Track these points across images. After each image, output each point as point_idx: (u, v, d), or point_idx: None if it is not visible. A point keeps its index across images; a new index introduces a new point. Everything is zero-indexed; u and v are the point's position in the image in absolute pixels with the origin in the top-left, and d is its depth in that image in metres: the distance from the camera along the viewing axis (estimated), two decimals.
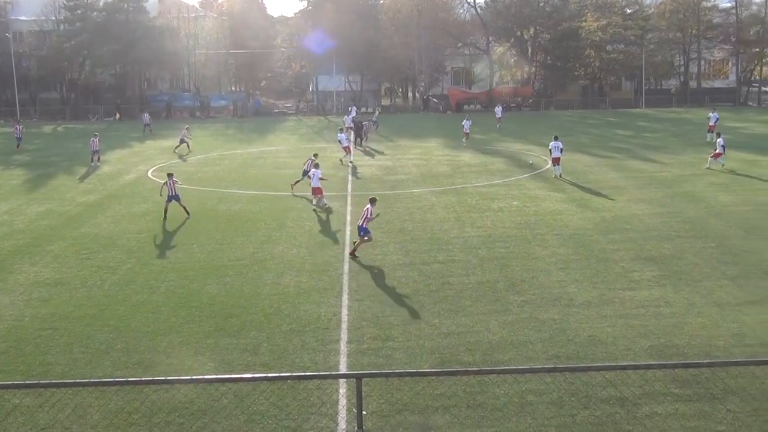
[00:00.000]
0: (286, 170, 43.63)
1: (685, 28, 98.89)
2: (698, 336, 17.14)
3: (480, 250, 24.95)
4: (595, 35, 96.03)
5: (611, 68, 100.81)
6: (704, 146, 51.20)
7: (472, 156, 48.92)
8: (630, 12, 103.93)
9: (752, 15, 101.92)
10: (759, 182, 36.68)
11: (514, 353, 16.36)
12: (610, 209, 30.91)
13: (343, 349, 16.78)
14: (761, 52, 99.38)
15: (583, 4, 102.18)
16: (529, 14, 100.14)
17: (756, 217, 28.90)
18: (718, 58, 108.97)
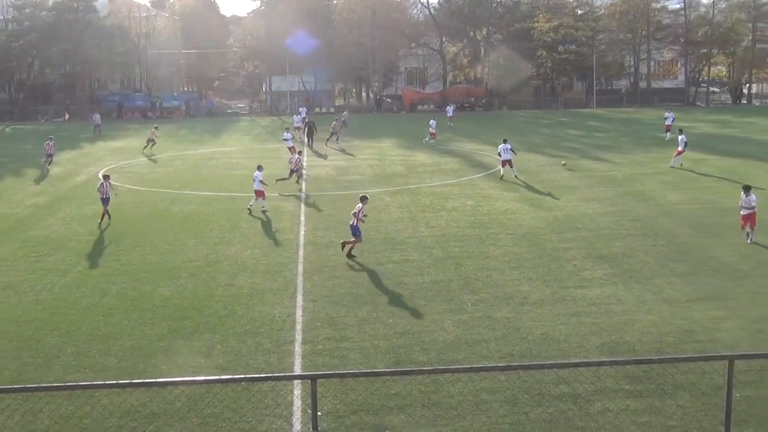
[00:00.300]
0: (239, 171, 43.37)
1: (635, 29, 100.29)
2: (649, 333, 17.38)
3: (434, 249, 25.05)
4: (547, 36, 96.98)
5: (563, 69, 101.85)
6: (653, 146, 52.02)
7: (426, 156, 49.09)
8: (581, 13, 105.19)
9: (700, 16, 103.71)
10: (706, 181, 37.32)
11: (469, 352, 16.44)
12: (562, 208, 31.23)
13: (297, 350, 16.72)
14: (709, 52, 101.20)
15: (534, 5, 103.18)
16: (481, 15, 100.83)
17: (703, 215, 29.41)
18: (668, 58, 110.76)
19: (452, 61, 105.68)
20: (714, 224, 27.80)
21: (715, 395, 13.68)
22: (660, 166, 42.19)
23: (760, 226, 26.96)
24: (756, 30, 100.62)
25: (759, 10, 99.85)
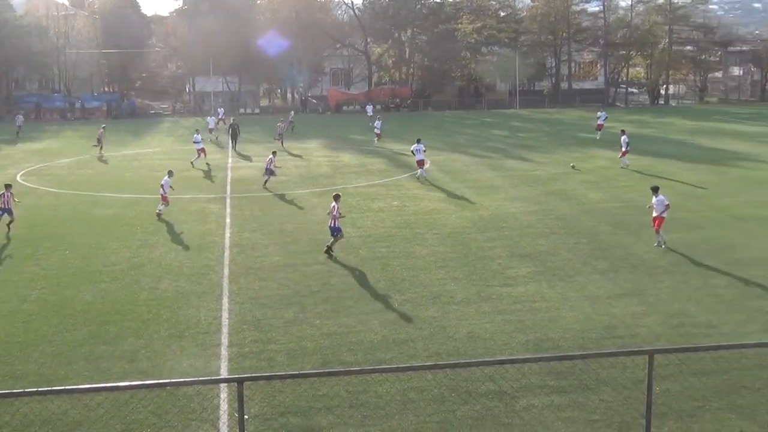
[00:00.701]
0: (162, 172, 42.57)
1: (556, 31, 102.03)
2: (572, 329, 17.70)
3: (361, 250, 25.07)
4: (470, 37, 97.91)
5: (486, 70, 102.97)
6: (575, 145, 52.94)
7: (352, 157, 49.11)
8: (504, 15, 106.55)
9: (619, 19, 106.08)
10: (626, 179, 38.17)
11: (396, 352, 16.50)
12: (487, 208, 31.58)
13: (223, 353, 16.55)
14: (627, 54, 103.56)
15: (458, 7, 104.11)
16: (406, 16, 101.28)
17: (623, 213, 30.07)
18: (588, 60, 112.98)
19: (377, 62, 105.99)
20: (633, 222, 28.44)
21: (636, 389, 13.99)
22: (582, 165, 42.97)
23: (680, 224, 27.72)
24: (672, 32, 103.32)
25: (675, 13, 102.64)
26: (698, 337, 17.03)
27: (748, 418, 13.29)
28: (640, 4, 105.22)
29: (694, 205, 31.44)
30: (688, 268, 22.47)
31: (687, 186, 35.98)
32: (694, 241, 25.46)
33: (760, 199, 32.37)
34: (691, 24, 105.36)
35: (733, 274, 21.78)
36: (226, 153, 51.87)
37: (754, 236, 26.16)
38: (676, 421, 13.24)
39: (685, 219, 28.82)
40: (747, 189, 34.88)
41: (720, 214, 29.87)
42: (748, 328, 17.59)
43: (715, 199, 32.69)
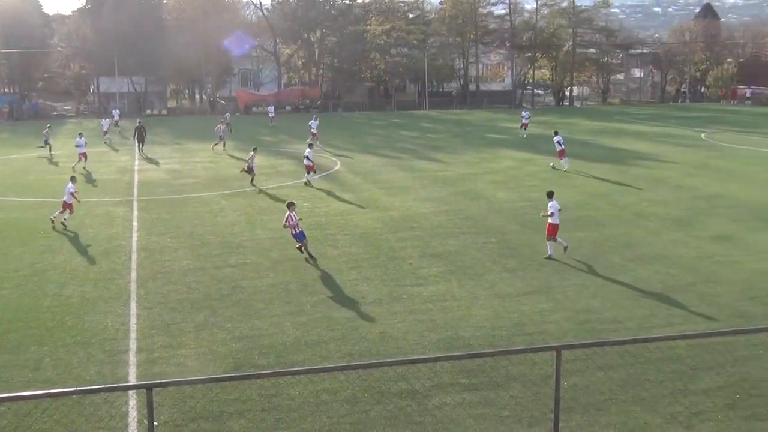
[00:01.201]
0: (66, 175, 41.46)
1: (464, 33, 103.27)
2: (482, 327, 17.94)
3: (272, 252, 24.90)
4: (379, 39, 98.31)
5: (396, 71, 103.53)
6: (484, 146, 53.67)
7: (262, 158, 48.58)
8: (412, 17, 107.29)
9: (525, 22, 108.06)
10: (533, 179, 38.90)
11: (309, 353, 16.44)
12: (398, 208, 31.76)
13: (132, 359, 16.21)
14: (533, 56, 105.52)
15: (367, 9, 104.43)
16: (315, 17, 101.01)
17: (530, 212, 30.62)
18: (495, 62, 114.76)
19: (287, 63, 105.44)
20: (540, 221, 28.89)
21: (545, 384, 14.27)
22: (490, 165, 43.62)
23: (585, 222, 28.43)
24: (576, 35, 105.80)
25: (578, 17, 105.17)
26: (604, 333, 17.47)
27: (651, 410, 13.69)
28: (544, 8, 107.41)
29: (599, 204, 32.26)
30: (593, 265, 23.03)
31: (591, 185, 36.89)
32: (598, 239, 26.12)
33: (661, 198, 33.42)
34: (594, 27, 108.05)
35: (636, 270, 22.43)
36: (133, 155, 50.83)
37: (655, 233, 26.98)
38: (584, 414, 13.55)
39: (590, 217, 29.56)
40: (648, 187, 35.96)
41: (623, 212, 30.72)
42: (651, 323, 18.15)
43: (618, 198, 33.60)
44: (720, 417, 13.44)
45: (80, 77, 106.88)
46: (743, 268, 22.54)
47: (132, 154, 51.25)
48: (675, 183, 37.12)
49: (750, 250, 24.67)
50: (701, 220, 28.98)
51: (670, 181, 37.77)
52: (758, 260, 23.39)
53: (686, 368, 15.29)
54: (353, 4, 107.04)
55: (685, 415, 13.50)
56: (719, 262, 23.30)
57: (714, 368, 15.32)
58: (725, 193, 34.36)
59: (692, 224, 28.35)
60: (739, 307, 19.23)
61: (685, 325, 17.97)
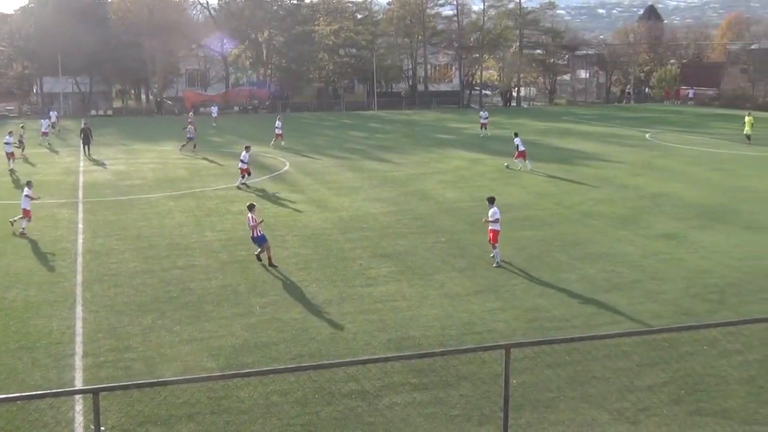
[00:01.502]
0: (7, 177, 40.84)
1: (412, 33, 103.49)
2: (432, 327, 18.02)
3: (221, 253, 24.72)
4: (328, 39, 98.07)
5: (344, 71, 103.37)
6: (433, 146, 53.85)
7: (210, 159, 48.29)
8: (360, 17, 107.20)
9: (472, 23, 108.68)
10: (481, 179, 39.15)
11: (258, 355, 16.36)
12: (347, 209, 31.74)
13: (78, 363, 15.97)
14: (481, 57, 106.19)
15: (315, 9, 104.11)
16: (262, 17, 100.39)
17: (479, 212, 30.71)
18: (443, 62, 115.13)
19: (234, 63, 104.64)
20: None
21: (494, 383, 14.39)
22: (439, 165, 43.81)
23: (532, 221, 28.71)
24: (522, 36, 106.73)
25: (525, 18, 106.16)
26: (552, 331, 17.67)
27: (599, 407, 13.88)
28: (491, 9, 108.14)
29: (546, 203, 32.59)
30: (541, 264, 23.28)
31: (539, 185, 37.26)
32: (546, 238, 26.40)
33: (606, 197, 33.88)
34: (540, 28, 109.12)
35: (583, 269, 22.73)
36: (77, 156, 50.01)
37: (601, 232, 27.36)
38: (533, 412, 13.69)
39: (538, 216, 29.87)
40: (594, 187, 36.43)
41: (569, 211, 31.08)
42: (597, 320, 18.40)
43: (565, 197, 33.99)
44: (665, 412, 13.68)
45: (23, 77, 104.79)
46: (686, 266, 22.97)
47: (77, 155, 50.41)
48: (620, 182, 37.66)
49: (693, 247, 25.15)
50: (646, 219, 29.45)
51: (616, 180, 38.33)
52: (701, 258, 23.86)
53: (632, 365, 15.53)
54: (301, 4, 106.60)
55: (632, 411, 13.71)
56: (663, 259, 23.71)
57: (659, 364, 15.59)
58: (669, 192, 34.97)
59: (637, 223, 28.80)
60: (683, 303, 19.60)
61: (631, 322, 18.26)
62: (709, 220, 29.08)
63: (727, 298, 20.01)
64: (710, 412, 13.67)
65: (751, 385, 14.74)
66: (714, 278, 21.70)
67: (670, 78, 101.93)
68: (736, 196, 33.70)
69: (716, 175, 39.90)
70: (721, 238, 26.40)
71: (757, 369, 15.36)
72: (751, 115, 55.85)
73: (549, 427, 13.21)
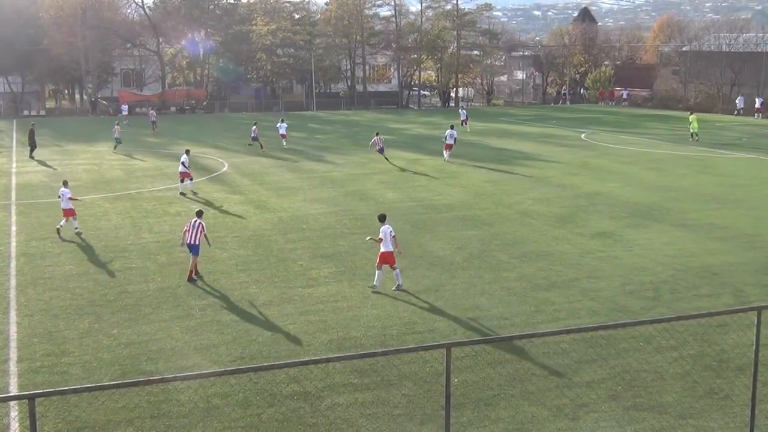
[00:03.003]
0: None
1: (350, 34, 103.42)
2: (374, 327, 18.06)
3: (159, 256, 24.42)
4: (265, 39, 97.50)
5: (282, 72, 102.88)
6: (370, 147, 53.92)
7: (146, 160, 47.65)
8: (298, 17, 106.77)
9: (410, 23, 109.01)
10: (420, 179, 39.34)
11: (199, 358, 16.21)
12: (287, 209, 31.62)
13: (12, 369, 15.63)
14: (419, 58, 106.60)
15: (252, 9, 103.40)
16: (199, 16, 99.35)
17: (419, 212, 30.99)
18: (381, 63, 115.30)
19: (170, 63, 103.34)
20: (428, 220, 29.39)
21: (436, 382, 14.49)
22: (378, 166, 43.89)
23: (472, 221, 28.95)
24: (460, 37, 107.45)
25: (462, 19, 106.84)
26: (492, 329, 17.86)
27: (538, 404, 14.07)
28: (429, 10, 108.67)
29: (485, 203, 32.89)
30: (481, 263, 23.49)
31: (478, 185, 37.58)
32: (485, 237, 26.64)
33: (544, 197, 34.32)
34: (477, 30, 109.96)
35: (522, 267, 23.00)
36: (10, 157, 48.93)
37: (539, 231, 27.71)
38: (474, 410, 13.81)
39: (477, 216, 30.12)
40: (532, 187, 36.87)
41: (508, 210, 31.41)
42: (536, 319, 18.64)
43: (504, 197, 34.34)
44: (604, 408, 13.92)
45: None
46: (622, 264, 23.40)
47: (9, 157, 49.31)
48: (557, 182, 38.20)
49: (628, 245, 25.63)
50: (582, 218, 29.93)
51: (553, 180, 38.85)
52: (635, 255, 24.32)
53: (571, 362, 15.77)
54: (238, 4, 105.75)
55: (571, 407, 13.93)
56: (600, 258, 24.12)
57: (597, 361, 15.87)
58: (604, 191, 35.57)
59: (574, 222, 29.24)
60: (619, 301, 19.97)
61: (569, 319, 18.54)
62: (643, 219, 29.66)
63: (661, 295, 20.44)
64: (647, 407, 13.95)
65: (686, 380, 15.09)
66: (648, 276, 22.15)
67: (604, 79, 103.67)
68: (669, 195, 34.44)
69: (650, 174, 40.72)
70: (654, 236, 26.96)
71: (692, 364, 15.73)
72: (695, 114, 57.68)
73: (490, 424, 13.35)
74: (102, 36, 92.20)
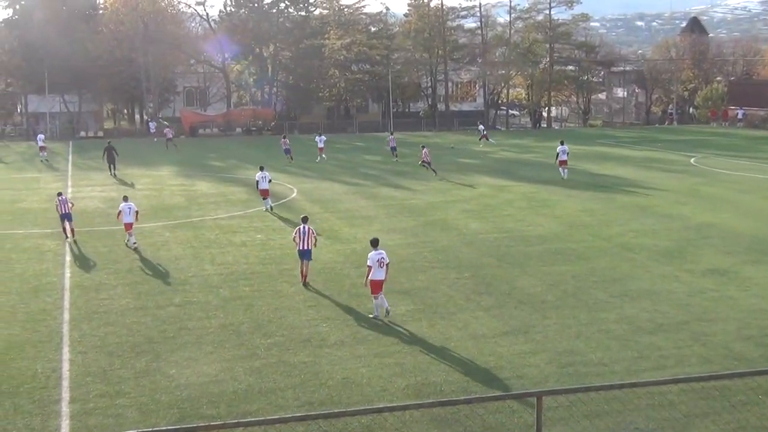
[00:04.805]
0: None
1: (432, 48, 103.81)
2: (455, 371, 17.94)
3: (221, 289, 24.75)
4: (339, 54, 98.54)
5: (357, 89, 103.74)
6: (455, 172, 53.91)
7: (209, 185, 48.55)
8: (375, 30, 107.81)
9: (497, 36, 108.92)
10: (508, 208, 39.13)
11: (263, 402, 16.33)
12: (361, 240, 31.73)
13: (65, 410, 15.98)
14: (507, 74, 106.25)
15: (325, 21, 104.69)
16: (267, 30, 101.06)
17: (507, 244, 30.79)
18: (466, 80, 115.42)
19: (237, 80, 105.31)
20: (517, 254, 29.17)
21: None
22: (461, 193, 43.84)
23: (565, 255, 28.63)
24: (553, 51, 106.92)
25: (555, 31, 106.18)
26: (589, 377, 17.56)
27: None
28: (519, 21, 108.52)
29: (580, 235, 32.51)
30: (575, 302, 23.18)
31: (573, 215, 37.19)
32: (581, 273, 26.30)
33: (648, 228, 33.76)
34: (573, 42, 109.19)
35: (623, 308, 22.61)
36: (65, 182, 50.40)
37: (643, 267, 27.23)
38: None
39: (572, 249, 29.78)
40: (634, 217, 36.33)
41: (607, 243, 30.98)
42: (639, 366, 18.27)
43: (602, 228, 33.89)
44: None
45: (6, 95, 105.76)
46: (739, 305, 22.81)
47: (64, 181, 50.83)
48: (663, 212, 37.55)
49: (745, 285, 24.98)
50: (692, 252, 29.32)
51: (658, 209, 38.22)
52: (754, 296, 23.70)
53: (679, 415, 15.40)
54: (310, 16, 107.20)
55: None
56: (713, 298, 23.57)
57: (709, 415, 15.46)
58: (718, 222, 34.83)
59: (683, 257, 28.66)
60: (734, 347, 19.45)
61: (677, 367, 18.12)
62: (762, 254, 28.91)
63: None
64: None
65: None
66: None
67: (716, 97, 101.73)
68: None
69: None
70: None
71: None
72: None
73: None
74: (164, 51, 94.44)
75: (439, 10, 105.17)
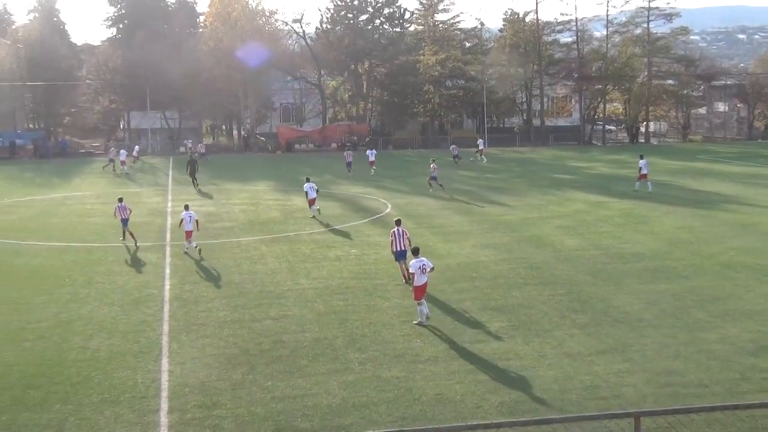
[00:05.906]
0: (94, 218, 42.38)
1: (526, 63, 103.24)
2: (550, 390, 17.72)
3: (316, 303, 24.96)
4: (433, 70, 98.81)
5: (451, 105, 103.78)
6: (550, 187, 53.51)
7: (304, 200, 49.00)
8: (469, 46, 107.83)
9: (594, 50, 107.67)
10: (604, 225, 38.56)
11: (357, 416, 16.39)
12: (455, 256, 31.68)
13: (163, 420, 16.31)
14: (604, 88, 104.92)
15: (420, 37, 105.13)
16: (363, 46, 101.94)
17: (603, 261, 30.33)
18: (561, 95, 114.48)
19: (332, 96, 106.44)
20: (614, 271, 28.71)
21: None
22: (557, 209, 43.42)
23: (665, 273, 28.06)
24: (651, 65, 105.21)
25: (654, 45, 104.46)
26: (688, 398, 17.16)
27: None
28: (616, 35, 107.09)
29: (679, 253, 31.83)
30: (675, 321, 22.69)
31: (672, 232, 36.46)
32: (680, 292, 25.74)
33: (750, 246, 32.87)
34: (672, 56, 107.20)
35: (724, 328, 22.03)
36: (165, 196, 51.61)
37: (745, 286, 26.51)
38: None
39: (670, 268, 29.17)
40: (735, 235, 35.43)
41: (707, 262, 30.27)
42: (741, 388, 17.77)
43: (702, 246, 33.13)
44: None
45: (109, 112, 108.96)
46: None
47: (165, 195, 52.04)
48: (766, 229, 36.53)
49: None
50: None
51: (761, 227, 37.19)
52: None
53: None
54: (405, 33, 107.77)
55: None
56: None
57: None
58: None
59: None
60: None
61: None
62: None
63: None
64: None
65: None
66: None
67: None
68: None
69: None
70: None
71: None
72: None
73: None
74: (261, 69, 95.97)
75: (535, 24, 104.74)
